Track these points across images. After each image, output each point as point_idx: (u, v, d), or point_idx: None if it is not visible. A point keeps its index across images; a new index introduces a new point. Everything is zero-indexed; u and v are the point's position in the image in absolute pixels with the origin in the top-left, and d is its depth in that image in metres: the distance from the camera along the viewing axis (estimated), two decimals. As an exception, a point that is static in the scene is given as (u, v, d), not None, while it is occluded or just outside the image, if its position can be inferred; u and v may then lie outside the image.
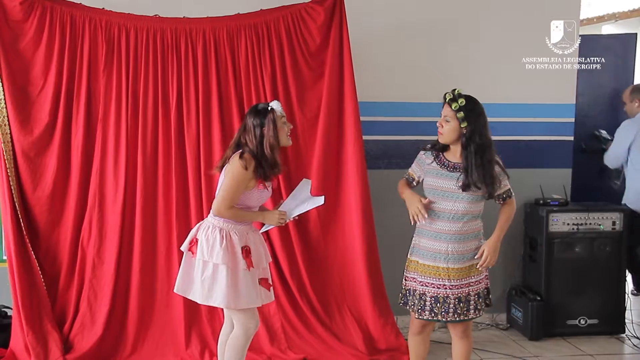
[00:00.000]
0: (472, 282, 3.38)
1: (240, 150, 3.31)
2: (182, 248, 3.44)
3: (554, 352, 4.59)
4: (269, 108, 3.31)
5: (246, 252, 3.34)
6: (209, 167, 4.21)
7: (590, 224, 4.84)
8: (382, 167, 4.83)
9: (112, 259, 4.15)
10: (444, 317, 3.38)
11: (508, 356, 4.49)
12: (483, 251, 3.35)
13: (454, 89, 3.35)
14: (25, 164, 4.11)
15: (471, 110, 3.29)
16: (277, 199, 4.01)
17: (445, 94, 3.36)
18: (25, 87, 4.12)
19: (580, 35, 5.03)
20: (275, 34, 4.30)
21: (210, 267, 3.29)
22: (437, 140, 3.42)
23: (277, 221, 3.43)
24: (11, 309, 4.18)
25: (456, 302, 3.36)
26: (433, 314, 3.39)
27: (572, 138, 5.16)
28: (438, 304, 3.37)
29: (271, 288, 3.54)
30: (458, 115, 3.28)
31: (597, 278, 4.83)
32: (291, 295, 4.35)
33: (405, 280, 3.53)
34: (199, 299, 3.36)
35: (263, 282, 3.47)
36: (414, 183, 3.56)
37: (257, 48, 4.29)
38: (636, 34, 5.77)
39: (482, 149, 3.28)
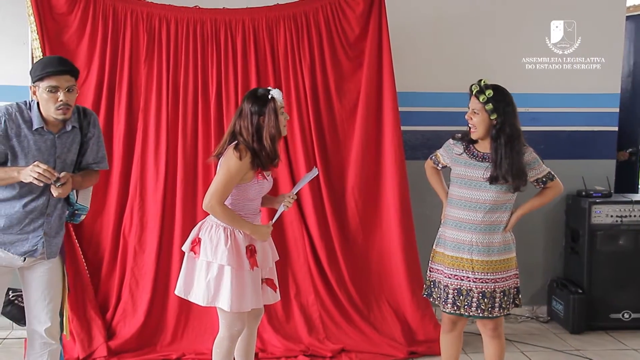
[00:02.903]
0: (499, 279, 3.26)
1: (236, 142, 3.11)
2: (184, 248, 3.25)
3: (597, 345, 4.51)
4: (270, 96, 3.09)
5: (251, 251, 3.14)
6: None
7: (634, 216, 4.73)
8: (420, 157, 4.74)
9: (153, 248, 4.21)
10: (466, 311, 3.27)
11: (549, 349, 4.44)
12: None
13: (480, 80, 3.23)
14: (69, 154, 4.19)
15: (500, 101, 3.18)
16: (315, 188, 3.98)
17: (471, 86, 3.24)
18: (69, 79, 4.20)
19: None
20: (314, 24, 4.30)
21: (215, 268, 3.09)
22: (468, 132, 3.30)
23: (266, 237, 3.21)
24: (56, 295, 4.27)
25: (480, 297, 3.23)
26: (456, 307, 3.28)
27: (616, 128, 5.06)
28: (461, 297, 3.26)
29: (277, 289, 3.35)
30: (487, 107, 3.18)
31: (642, 271, 4.73)
32: (329, 286, 4.36)
33: (430, 271, 3.46)
34: (201, 301, 3.14)
35: (269, 282, 3.28)
36: (439, 166, 3.53)
37: (296, 38, 4.29)
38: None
39: (511, 139, 3.17)
